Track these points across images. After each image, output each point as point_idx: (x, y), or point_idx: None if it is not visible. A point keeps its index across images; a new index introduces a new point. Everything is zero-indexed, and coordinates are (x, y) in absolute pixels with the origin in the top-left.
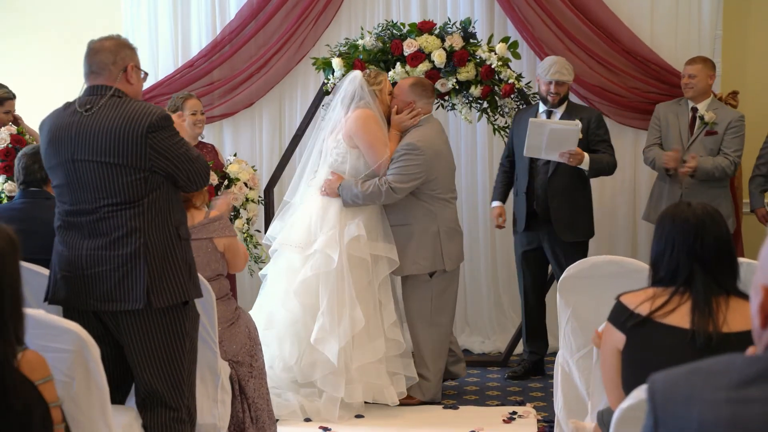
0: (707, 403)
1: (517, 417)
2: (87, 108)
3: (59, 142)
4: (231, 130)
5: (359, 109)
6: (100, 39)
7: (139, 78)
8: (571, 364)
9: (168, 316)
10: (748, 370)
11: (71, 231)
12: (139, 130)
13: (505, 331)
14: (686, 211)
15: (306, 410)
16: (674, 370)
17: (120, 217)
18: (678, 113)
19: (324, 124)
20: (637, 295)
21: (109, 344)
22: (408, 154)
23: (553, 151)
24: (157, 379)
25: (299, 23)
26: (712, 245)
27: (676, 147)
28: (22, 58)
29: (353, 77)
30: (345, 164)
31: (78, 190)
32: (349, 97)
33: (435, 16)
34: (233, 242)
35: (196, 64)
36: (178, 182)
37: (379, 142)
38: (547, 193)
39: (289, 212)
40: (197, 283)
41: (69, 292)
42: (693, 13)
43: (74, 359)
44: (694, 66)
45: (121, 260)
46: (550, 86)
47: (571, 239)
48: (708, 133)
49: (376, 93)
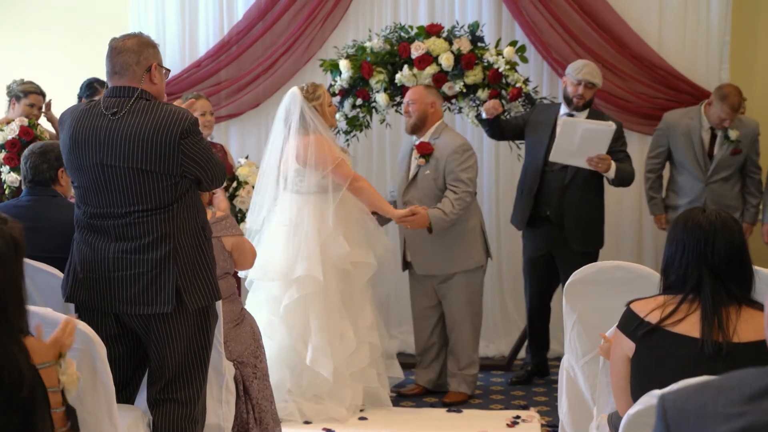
0: (720, 418)
1: (520, 421)
2: (114, 111)
3: (86, 145)
4: (237, 130)
5: (308, 136)
6: (123, 37)
7: (162, 77)
8: (576, 368)
9: (197, 317)
10: (759, 384)
11: (96, 233)
12: (173, 136)
13: (509, 336)
14: (699, 216)
15: (305, 413)
16: (684, 388)
17: (150, 222)
18: (690, 130)
19: (270, 147)
20: (648, 303)
21: (124, 344)
22: (467, 153)
23: (582, 156)
24: (179, 376)
25: (307, 24)
26: (723, 252)
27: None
28: (30, 57)
29: (292, 95)
30: (304, 185)
31: (106, 194)
32: (292, 117)
33: (443, 19)
34: (240, 240)
35: (203, 64)
36: (201, 184)
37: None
38: (563, 201)
39: (256, 242)
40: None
41: (91, 294)
42: (701, 19)
43: (81, 358)
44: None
45: (151, 264)
46: (578, 87)
47: (582, 249)
48: (734, 153)
49: (316, 108)
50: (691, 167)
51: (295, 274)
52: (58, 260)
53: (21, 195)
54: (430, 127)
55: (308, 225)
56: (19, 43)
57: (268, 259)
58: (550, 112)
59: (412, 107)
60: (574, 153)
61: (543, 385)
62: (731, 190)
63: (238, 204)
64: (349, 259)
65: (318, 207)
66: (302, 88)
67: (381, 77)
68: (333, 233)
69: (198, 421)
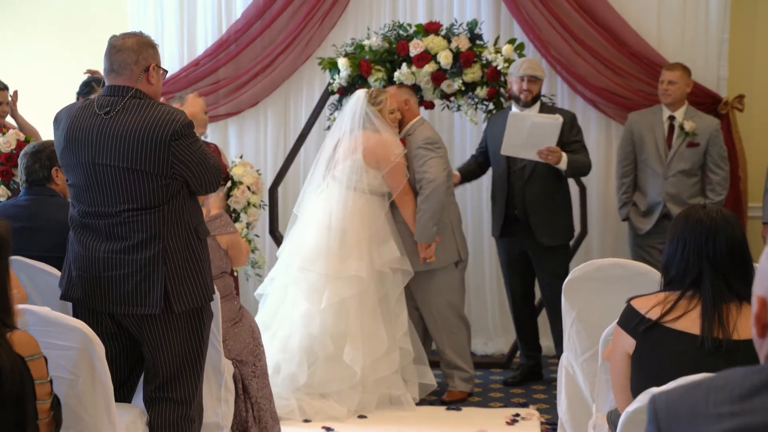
0: (711, 419)
1: (520, 419)
2: (106, 111)
3: (78, 144)
4: (236, 129)
5: (375, 133)
6: (123, 36)
7: (159, 78)
8: (575, 366)
9: (190, 318)
10: (750, 382)
11: (88, 232)
12: (163, 137)
13: (508, 333)
14: (700, 212)
15: (305, 410)
16: (675, 388)
17: (140, 222)
18: (653, 125)
19: (327, 140)
20: (648, 300)
21: (120, 342)
22: (431, 146)
23: (532, 149)
24: (174, 376)
25: (305, 23)
26: (724, 247)
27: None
28: (28, 56)
29: (357, 97)
30: (361, 182)
31: (97, 192)
32: (356, 116)
33: (441, 17)
34: (235, 238)
35: (202, 62)
36: (189, 187)
37: (400, 171)
38: (526, 198)
39: (298, 228)
40: (212, 281)
41: (85, 292)
42: (700, 16)
43: (79, 357)
44: (674, 72)
45: (140, 264)
46: (522, 83)
47: (551, 243)
48: (690, 145)
49: (379, 111)
50: (651, 161)
51: (347, 273)
52: (56, 259)
53: (19, 195)
54: (406, 124)
55: (359, 224)
56: (18, 41)
57: (311, 249)
58: (503, 116)
59: None
60: (524, 146)
61: (542, 382)
62: (691, 187)
63: (233, 204)
64: (393, 264)
65: (370, 207)
66: (368, 91)
67: (380, 75)
68: (383, 236)
69: (195, 420)
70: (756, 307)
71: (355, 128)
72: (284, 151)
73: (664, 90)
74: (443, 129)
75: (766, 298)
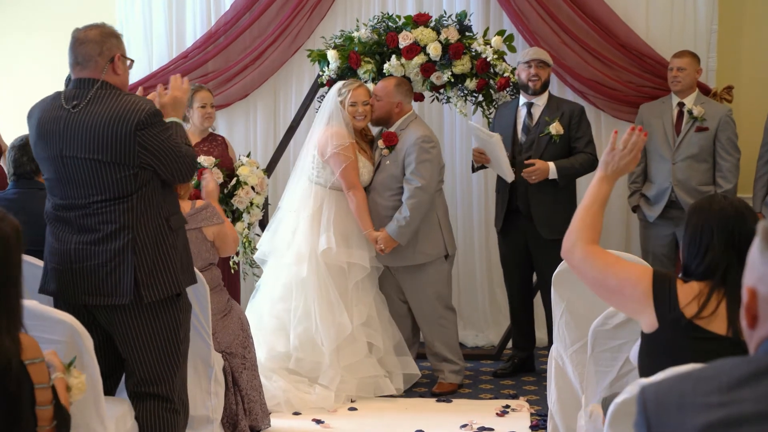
0: (700, 408)
1: (510, 410)
2: (74, 104)
3: (48, 136)
4: (225, 121)
5: (331, 128)
6: (85, 28)
7: (125, 68)
8: (564, 358)
9: (160, 309)
10: (738, 373)
11: (61, 224)
12: (128, 127)
13: (498, 325)
14: (722, 201)
15: (293, 404)
16: (664, 379)
17: (110, 213)
18: (662, 113)
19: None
20: (691, 288)
21: (98, 335)
22: (426, 146)
23: (495, 162)
24: (150, 371)
25: (294, 15)
26: (750, 236)
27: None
28: (14, 51)
29: (335, 86)
30: (320, 177)
31: (68, 185)
32: (326, 109)
33: (430, 8)
34: (222, 229)
35: (191, 55)
36: (160, 176)
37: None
38: (529, 190)
39: (277, 220)
40: (192, 270)
41: (59, 284)
42: (688, 7)
43: (67, 350)
44: (683, 59)
45: (110, 255)
46: (530, 69)
47: (551, 236)
48: (699, 129)
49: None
50: (660, 147)
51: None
52: (41, 252)
53: (8, 188)
54: (396, 121)
55: (306, 216)
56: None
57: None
58: (510, 107)
59: (376, 102)
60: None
61: (532, 374)
62: (702, 174)
63: (236, 203)
64: (343, 257)
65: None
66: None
67: (369, 67)
68: (325, 229)
69: (179, 411)
70: (746, 298)
71: (318, 123)
72: (274, 143)
73: (673, 77)
74: (432, 122)
75: (755, 288)
